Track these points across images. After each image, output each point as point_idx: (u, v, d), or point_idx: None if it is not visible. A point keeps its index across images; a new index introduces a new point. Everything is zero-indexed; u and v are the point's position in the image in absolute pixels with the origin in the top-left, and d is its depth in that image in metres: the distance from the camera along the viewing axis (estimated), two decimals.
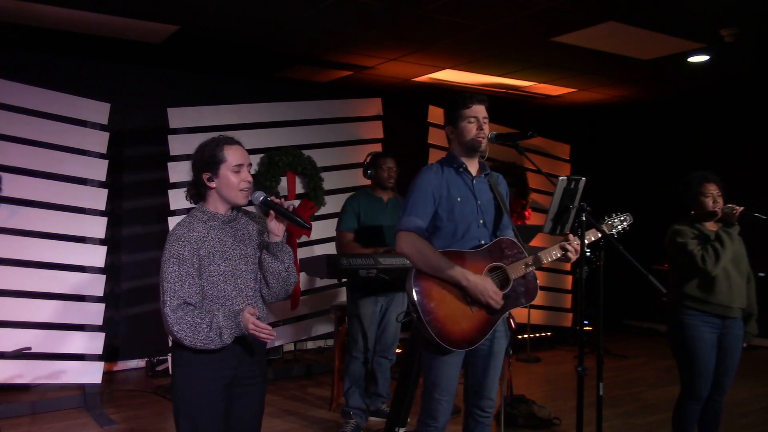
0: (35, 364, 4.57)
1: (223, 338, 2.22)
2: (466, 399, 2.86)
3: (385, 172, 4.35)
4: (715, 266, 3.26)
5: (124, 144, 6.00)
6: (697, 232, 3.39)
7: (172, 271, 2.23)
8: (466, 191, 2.80)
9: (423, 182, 2.77)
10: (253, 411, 2.41)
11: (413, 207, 2.73)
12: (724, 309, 3.33)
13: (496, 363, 2.81)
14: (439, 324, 2.60)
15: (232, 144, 2.35)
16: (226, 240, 2.34)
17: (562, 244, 2.75)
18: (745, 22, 4.76)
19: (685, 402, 3.42)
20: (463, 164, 2.82)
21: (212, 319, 2.21)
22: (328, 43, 5.49)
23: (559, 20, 4.77)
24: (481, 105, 2.80)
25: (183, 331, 2.19)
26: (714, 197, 3.38)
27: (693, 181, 3.44)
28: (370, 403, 4.45)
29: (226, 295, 2.30)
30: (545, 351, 7.03)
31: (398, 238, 2.72)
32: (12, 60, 5.54)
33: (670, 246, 3.45)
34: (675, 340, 3.42)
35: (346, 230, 4.35)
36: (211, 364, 2.27)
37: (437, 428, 2.75)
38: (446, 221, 2.76)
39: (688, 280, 3.36)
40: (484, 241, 2.79)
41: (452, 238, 2.76)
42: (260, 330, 2.23)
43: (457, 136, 2.81)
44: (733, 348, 3.40)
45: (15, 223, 4.52)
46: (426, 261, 2.64)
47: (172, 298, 2.21)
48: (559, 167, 7.48)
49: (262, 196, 2.34)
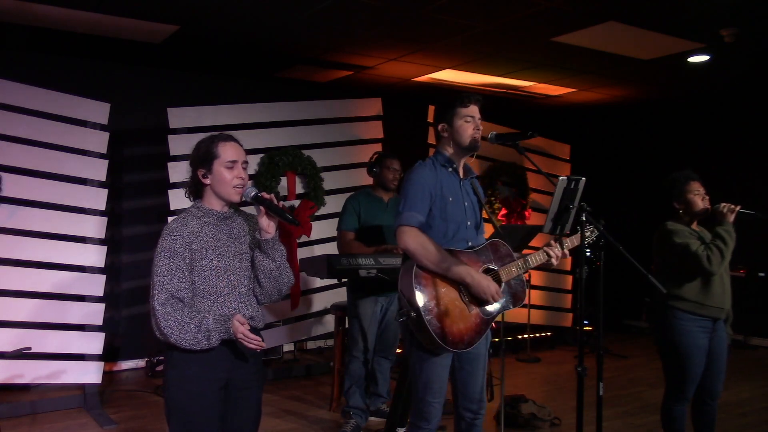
0: (35, 364, 4.57)
1: (210, 341, 2.21)
2: (457, 403, 2.84)
3: (390, 173, 4.34)
4: (720, 266, 3.23)
5: (124, 144, 6.00)
6: (693, 231, 3.37)
7: (162, 265, 2.23)
8: (457, 192, 2.81)
9: (420, 177, 2.75)
10: (248, 418, 2.39)
11: (412, 202, 2.70)
12: (717, 311, 3.31)
13: (483, 364, 2.83)
14: (440, 323, 2.59)
15: (227, 141, 2.35)
16: (220, 236, 2.33)
17: (545, 249, 2.80)
18: (745, 22, 4.76)
19: (672, 404, 3.39)
20: (454, 164, 2.83)
21: (202, 320, 2.20)
22: (328, 43, 5.49)
23: (559, 20, 4.77)
24: (477, 105, 2.82)
25: (170, 327, 2.17)
26: (702, 195, 3.38)
27: (679, 180, 3.41)
28: (370, 403, 4.45)
29: (218, 291, 2.28)
30: (545, 351, 7.03)
31: (400, 233, 2.67)
32: (12, 60, 5.54)
33: (662, 246, 3.39)
34: (665, 342, 3.36)
35: (347, 230, 4.35)
36: (203, 365, 2.25)
37: (429, 430, 2.74)
38: (439, 220, 2.75)
39: (684, 281, 3.30)
40: (471, 242, 2.81)
41: (443, 237, 2.75)
42: (249, 340, 2.21)
43: (451, 134, 2.80)
44: (721, 350, 3.37)
45: (15, 223, 4.52)
46: (430, 257, 2.62)
47: (160, 291, 2.20)
48: (559, 167, 7.47)
49: (253, 192, 2.33)
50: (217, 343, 2.24)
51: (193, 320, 2.19)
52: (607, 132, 8.82)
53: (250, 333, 2.22)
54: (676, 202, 3.43)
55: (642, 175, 8.38)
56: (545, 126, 7.39)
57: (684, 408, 3.39)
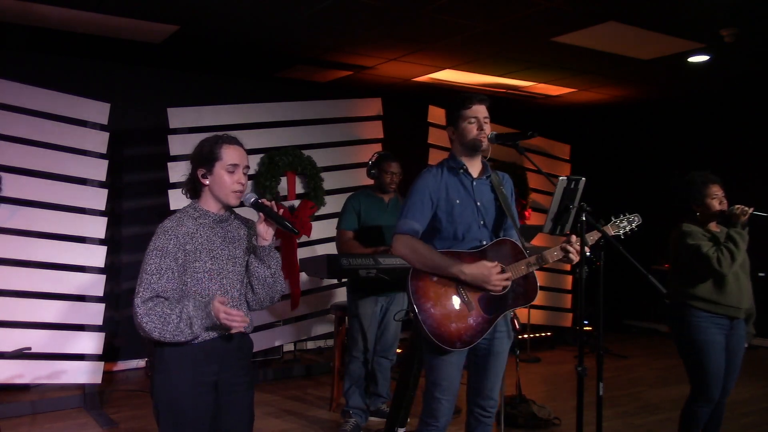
0: (35, 364, 4.57)
1: (193, 329, 2.17)
2: (469, 398, 2.86)
3: (388, 177, 4.34)
4: (730, 268, 3.24)
5: (124, 144, 6.00)
6: (707, 233, 3.36)
7: (153, 263, 2.20)
8: (465, 193, 2.80)
9: (421, 185, 2.79)
10: (240, 421, 2.36)
11: (409, 210, 2.76)
12: (733, 310, 3.32)
13: (498, 363, 2.81)
14: (435, 323, 2.62)
15: (231, 143, 2.32)
16: (214, 239, 2.31)
17: (563, 245, 2.73)
18: (745, 22, 4.76)
19: (696, 404, 3.37)
20: (463, 165, 2.83)
21: (182, 309, 2.17)
22: (328, 43, 5.48)
23: (559, 20, 4.77)
24: (482, 105, 2.81)
25: (152, 322, 2.14)
26: (720, 198, 3.37)
27: (696, 182, 3.40)
28: (370, 403, 4.45)
29: (209, 294, 2.25)
30: (545, 351, 7.03)
31: (394, 241, 2.76)
32: (12, 60, 5.54)
33: (677, 246, 3.40)
34: (684, 342, 3.37)
35: (346, 229, 4.35)
36: (190, 365, 2.22)
37: (438, 428, 2.75)
38: (446, 223, 2.77)
39: (698, 281, 3.31)
40: (485, 242, 2.80)
41: (453, 239, 2.77)
42: (232, 317, 2.17)
43: (458, 137, 2.82)
44: (738, 349, 3.38)
45: (15, 223, 4.52)
46: (421, 259, 2.66)
47: (146, 290, 2.18)
48: (559, 167, 7.47)
49: (253, 198, 2.32)
50: (201, 332, 2.19)
51: (174, 311, 2.16)
52: (607, 132, 8.82)
53: (232, 310, 2.18)
54: (694, 204, 3.42)
55: (642, 175, 8.38)
56: (545, 126, 7.38)
57: (707, 410, 3.37)
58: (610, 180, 8.30)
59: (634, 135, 8.68)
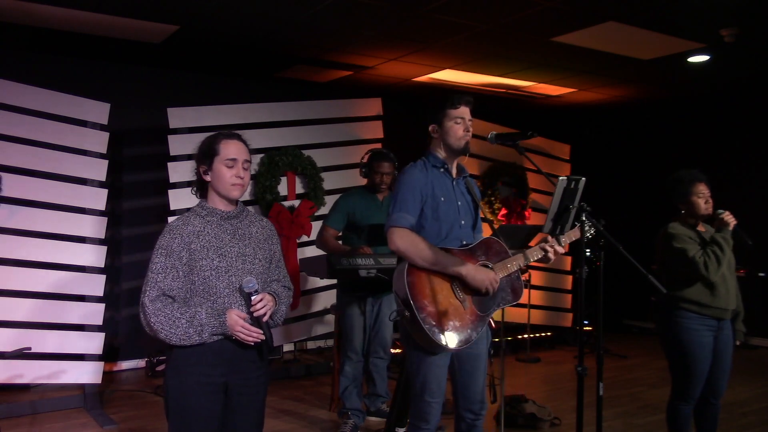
0: (35, 364, 4.57)
1: (203, 336, 2.19)
2: (458, 405, 2.83)
3: (378, 177, 4.31)
4: (716, 273, 3.24)
5: (123, 144, 6.00)
6: (694, 234, 3.36)
7: (158, 262, 2.23)
8: (449, 192, 2.82)
9: (411, 179, 2.77)
10: (248, 423, 2.36)
11: (403, 203, 2.72)
12: (721, 311, 3.32)
13: (483, 364, 2.81)
14: (434, 321, 2.58)
15: (230, 138, 2.34)
16: (223, 236, 2.31)
17: (541, 244, 2.79)
18: (745, 22, 4.76)
19: (678, 403, 3.39)
20: (445, 164, 2.84)
21: (194, 314, 2.18)
22: (328, 43, 5.48)
23: (559, 20, 4.77)
24: (468, 107, 2.84)
25: (160, 323, 2.16)
26: (706, 198, 3.35)
27: (683, 180, 3.38)
28: (370, 403, 4.45)
29: (218, 292, 2.24)
30: (545, 351, 7.03)
31: (390, 235, 2.69)
32: (12, 60, 5.54)
33: (663, 249, 3.39)
34: (671, 341, 3.37)
35: (330, 226, 4.35)
36: (200, 365, 2.23)
37: (429, 430, 2.73)
38: (431, 220, 2.76)
39: (686, 284, 3.31)
40: (465, 241, 2.81)
41: (437, 237, 2.75)
42: (248, 333, 2.21)
43: (441, 135, 2.84)
44: (726, 349, 3.38)
45: (15, 223, 4.52)
46: (423, 255, 2.62)
47: (152, 288, 2.20)
48: (559, 167, 7.48)
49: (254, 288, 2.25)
50: (209, 339, 2.21)
51: (184, 315, 2.18)
52: (607, 132, 8.83)
53: (250, 326, 2.21)
54: (680, 203, 3.41)
55: (642, 175, 8.38)
56: (545, 126, 7.39)
57: (690, 408, 3.38)
58: (610, 180, 8.30)
59: (634, 135, 8.67)
